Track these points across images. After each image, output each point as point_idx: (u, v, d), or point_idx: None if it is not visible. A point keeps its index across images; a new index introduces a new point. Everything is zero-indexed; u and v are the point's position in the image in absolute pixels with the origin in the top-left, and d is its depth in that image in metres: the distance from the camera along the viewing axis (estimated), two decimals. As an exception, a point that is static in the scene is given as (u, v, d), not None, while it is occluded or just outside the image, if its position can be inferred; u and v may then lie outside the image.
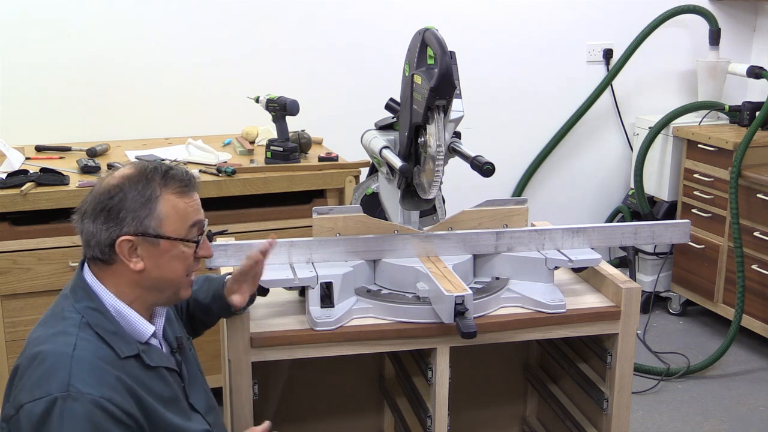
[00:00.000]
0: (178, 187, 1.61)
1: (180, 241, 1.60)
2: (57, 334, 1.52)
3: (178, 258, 1.61)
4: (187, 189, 1.63)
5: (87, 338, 1.52)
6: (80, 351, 1.49)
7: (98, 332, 1.54)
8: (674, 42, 4.22)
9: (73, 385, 1.44)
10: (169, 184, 1.60)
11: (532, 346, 2.54)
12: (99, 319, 1.56)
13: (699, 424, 3.21)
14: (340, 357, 1.96)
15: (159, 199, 1.58)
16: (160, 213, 1.58)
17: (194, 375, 1.75)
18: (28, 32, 3.32)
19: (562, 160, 4.21)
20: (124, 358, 1.54)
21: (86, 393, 1.44)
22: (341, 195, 3.07)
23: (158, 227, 1.58)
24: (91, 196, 1.60)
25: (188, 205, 1.62)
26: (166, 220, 1.59)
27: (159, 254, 1.59)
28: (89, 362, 1.48)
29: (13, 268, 2.76)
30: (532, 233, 2.12)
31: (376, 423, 2.53)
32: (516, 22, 3.97)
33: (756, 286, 3.64)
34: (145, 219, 1.57)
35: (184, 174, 1.64)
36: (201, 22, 3.52)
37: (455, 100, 1.96)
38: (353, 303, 1.98)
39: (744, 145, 3.59)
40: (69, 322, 1.54)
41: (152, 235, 1.58)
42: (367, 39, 3.74)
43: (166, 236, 1.59)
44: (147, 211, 1.57)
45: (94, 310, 1.56)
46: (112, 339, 1.54)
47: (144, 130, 3.49)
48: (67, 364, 1.46)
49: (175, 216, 1.60)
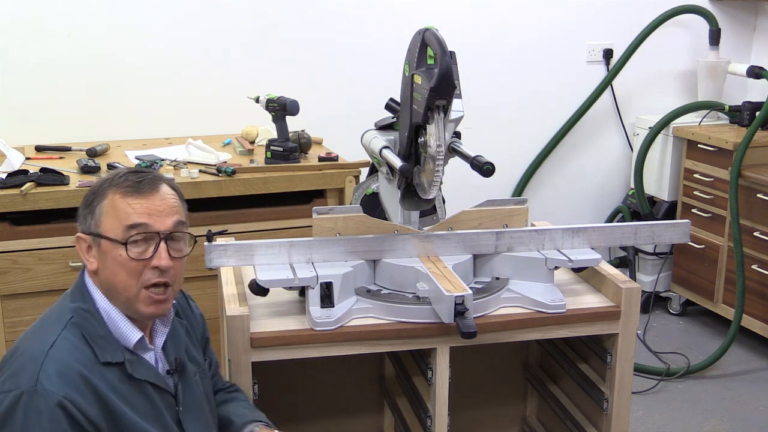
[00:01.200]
0: (125, 187, 1.57)
1: (111, 241, 1.55)
2: (42, 331, 1.54)
3: (117, 262, 1.55)
4: (135, 190, 1.56)
5: (68, 338, 1.51)
6: (56, 350, 1.49)
7: (84, 334, 1.53)
8: (674, 42, 4.22)
9: (41, 381, 1.45)
10: (119, 183, 1.57)
11: (532, 346, 2.54)
12: (88, 321, 1.55)
13: (699, 424, 3.21)
14: (340, 357, 1.96)
15: (103, 197, 1.57)
16: (99, 210, 1.57)
17: (196, 404, 1.69)
18: (29, 32, 3.32)
19: (562, 160, 4.21)
20: (104, 363, 1.52)
21: (51, 391, 1.44)
22: (341, 195, 3.07)
23: (97, 226, 1.57)
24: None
25: (130, 206, 1.56)
26: (103, 218, 1.57)
27: (102, 255, 1.57)
28: (61, 362, 1.47)
29: (13, 268, 2.75)
30: (532, 233, 2.12)
31: (376, 423, 2.53)
32: (516, 22, 3.97)
33: (756, 286, 3.65)
34: (88, 215, 1.58)
35: (140, 176, 1.59)
36: (201, 23, 3.52)
37: (455, 100, 1.96)
38: (353, 303, 1.98)
39: (744, 145, 3.59)
40: (58, 321, 1.55)
41: (93, 233, 1.57)
42: (367, 39, 3.74)
43: (102, 235, 1.56)
44: (90, 209, 1.58)
45: (86, 312, 1.56)
46: (98, 342, 1.53)
47: (144, 130, 3.49)
48: (39, 361, 1.47)
49: (112, 215, 1.56)
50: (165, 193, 1.60)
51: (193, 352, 1.75)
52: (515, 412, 2.61)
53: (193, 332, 1.80)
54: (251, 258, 1.99)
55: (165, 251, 1.58)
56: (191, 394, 1.69)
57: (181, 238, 1.63)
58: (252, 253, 1.98)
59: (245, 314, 1.88)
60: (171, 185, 1.64)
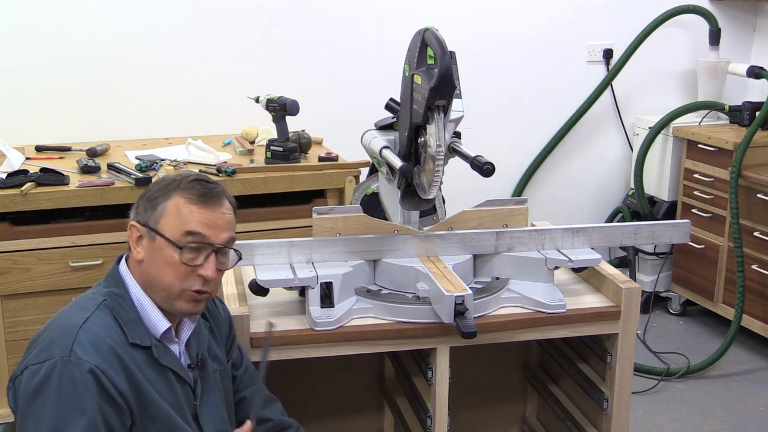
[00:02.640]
0: (192, 194, 1.63)
1: (167, 241, 1.60)
2: (75, 310, 1.59)
3: (167, 261, 1.61)
4: (201, 199, 1.62)
5: (101, 316, 1.57)
6: (89, 324, 1.55)
7: (115, 315, 1.59)
8: (674, 42, 4.22)
9: (74, 351, 1.50)
10: (186, 188, 1.63)
11: (532, 346, 2.54)
12: (120, 304, 1.61)
13: (699, 424, 3.21)
14: (340, 357, 1.96)
15: (167, 197, 1.62)
16: (163, 209, 1.61)
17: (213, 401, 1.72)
18: (29, 32, 3.32)
19: (562, 160, 4.21)
20: (132, 344, 1.57)
21: (84, 360, 1.50)
22: (341, 195, 3.07)
23: (156, 222, 1.61)
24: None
25: (192, 213, 1.61)
26: (165, 218, 1.61)
27: (154, 250, 1.62)
28: (94, 334, 1.54)
29: (13, 268, 2.75)
30: (532, 233, 2.12)
31: (376, 423, 2.53)
32: (516, 22, 3.97)
33: (756, 286, 3.64)
34: (150, 209, 1.62)
35: (208, 187, 1.65)
36: (201, 22, 3.52)
37: (455, 100, 1.96)
38: (353, 303, 1.98)
39: (744, 145, 3.59)
40: (92, 301, 1.61)
41: (150, 227, 1.61)
42: (367, 39, 3.74)
43: (160, 233, 1.60)
44: (154, 204, 1.62)
45: (118, 296, 1.62)
46: (128, 325, 1.59)
47: (144, 130, 3.49)
48: (74, 333, 1.53)
49: (174, 216, 1.61)
50: (226, 208, 1.67)
51: (215, 351, 1.78)
52: (515, 412, 2.61)
53: (218, 332, 1.82)
54: (251, 258, 1.99)
55: (213, 263, 1.64)
56: (209, 391, 1.72)
57: (229, 253, 1.68)
58: (252, 253, 1.98)
59: (245, 314, 1.89)
60: (231, 201, 1.70)
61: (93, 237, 2.81)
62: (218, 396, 1.74)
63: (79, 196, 2.77)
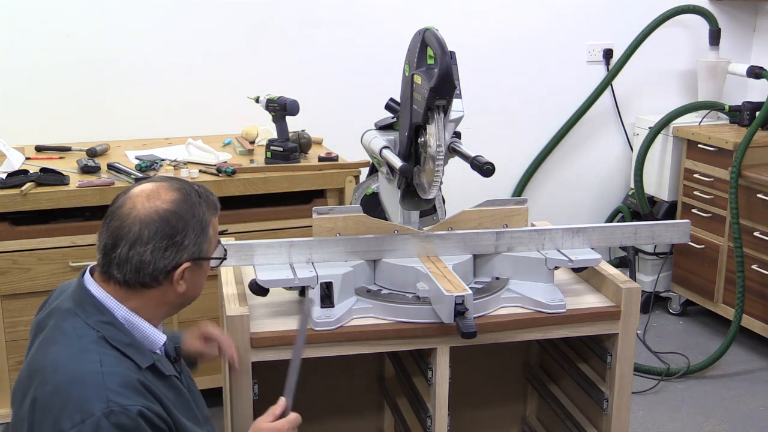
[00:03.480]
0: (214, 209, 1.67)
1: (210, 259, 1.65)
2: (78, 354, 1.49)
3: (206, 274, 1.67)
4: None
5: (109, 353, 1.50)
6: (108, 366, 1.47)
7: (115, 345, 1.52)
8: (674, 42, 4.22)
9: (113, 400, 1.43)
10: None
11: (532, 346, 2.54)
12: (113, 332, 1.54)
13: (699, 424, 3.21)
14: (340, 357, 1.96)
15: (207, 224, 1.63)
16: (211, 237, 1.64)
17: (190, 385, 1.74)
18: (28, 32, 3.32)
19: (562, 160, 4.21)
20: (144, 369, 1.53)
21: (128, 405, 1.43)
22: (341, 195, 3.07)
23: (209, 250, 1.64)
24: (140, 222, 1.55)
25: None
26: (211, 243, 1.65)
27: (200, 274, 1.65)
28: (121, 375, 1.47)
29: (13, 268, 2.76)
30: (532, 233, 2.12)
31: (376, 423, 2.53)
32: (516, 22, 3.97)
33: (756, 286, 3.64)
34: (204, 244, 1.62)
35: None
36: (201, 22, 3.52)
37: (455, 100, 1.96)
38: (353, 303, 1.98)
39: (744, 145, 3.59)
40: (86, 339, 1.51)
41: (205, 258, 1.63)
42: (367, 39, 3.74)
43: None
44: (205, 237, 1.61)
45: (108, 324, 1.54)
46: (130, 351, 1.53)
47: (144, 130, 3.49)
48: (101, 382, 1.44)
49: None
50: None
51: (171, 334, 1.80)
52: (515, 412, 2.61)
53: None
54: (251, 258, 1.99)
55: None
56: (187, 380, 1.74)
57: None
58: (252, 253, 1.98)
59: (245, 314, 1.88)
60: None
61: (93, 237, 2.75)
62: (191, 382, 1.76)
63: (79, 196, 2.77)
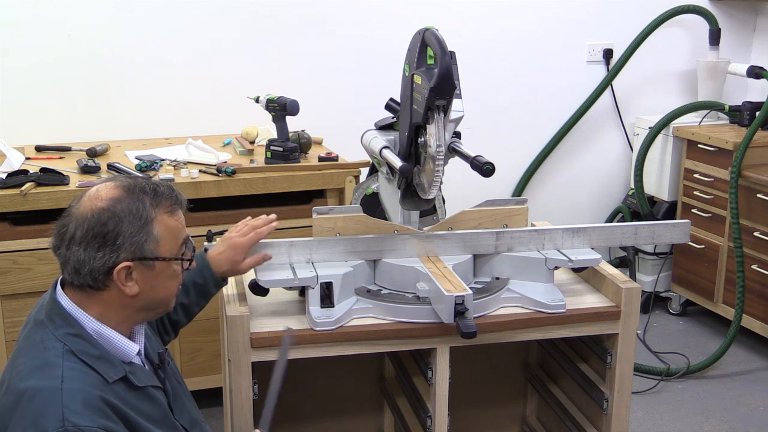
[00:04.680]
0: (168, 206, 1.58)
1: (175, 260, 1.59)
2: (42, 367, 1.46)
3: (172, 277, 1.60)
4: (176, 207, 1.60)
5: (73, 367, 1.47)
6: (69, 383, 1.44)
7: (83, 359, 1.49)
8: (674, 42, 4.22)
9: (68, 419, 1.39)
10: (160, 204, 1.57)
11: (532, 346, 2.54)
12: (81, 344, 1.50)
13: (699, 424, 3.21)
14: (340, 357, 1.96)
15: (154, 222, 1.55)
16: (157, 235, 1.55)
17: (176, 390, 1.71)
18: (29, 32, 3.32)
19: (562, 160, 4.21)
20: (113, 382, 1.50)
21: (83, 425, 1.39)
22: (341, 195, 3.07)
23: (155, 250, 1.55)
24: (76, 220, 1.53)
25: (178, 223, 1.60)
26: (161, 242, 1.56)
27: (154, 276, 1.56)
28: (81, 392, 1.43)
29: (13, 268, 2.76)
30: (532, 233, 2.12)
31: (376, 423, 2.53)
32: (516, 22, 3.97)
33: (756, 286, 3.65)
34: (144, 243, 1.53)
35: (170, 191, 1.60)
36: (201, 22, 3.52)
37: (455, 100, 1.96)
38: (353, 303, 1.98)
39: (744, 145, 3.59)
40: (52, 352, 1.48)
41: (150, 258, 1.55)
42: (367, 39, 3.74)
43: (162, 257, 1.57)
44: (145, 236, 1.53)
45: (76, 336, 1.51)
46: (98, 364, 1.50)
47: (144, 130, 3.49)
48: (59, 399, 1.41)
49: (168, 236, 1.57)
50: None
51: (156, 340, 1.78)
52: (515, 412, 2.62)
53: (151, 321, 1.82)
54: (251, 258, 1.99)
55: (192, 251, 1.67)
56: (173, 385, 1.71)
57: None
58: (252, 253, 1.98)
59: (245, 314, 1.88)
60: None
61: (93, 237, 2.81)
62: (178, 384, 1.73)
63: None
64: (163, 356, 1.69)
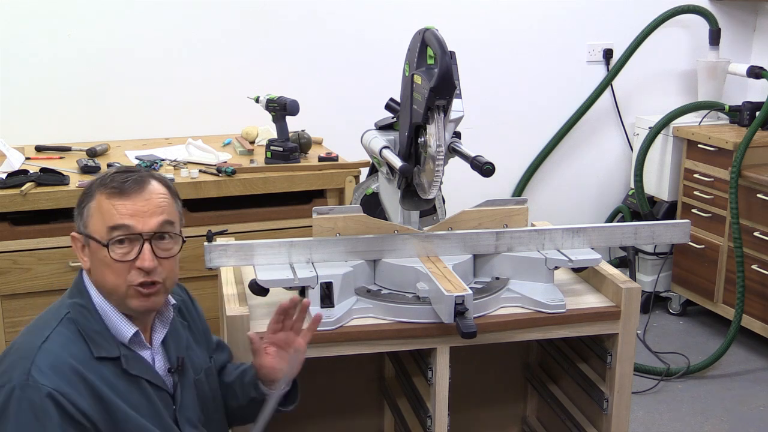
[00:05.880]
0: (111, 188, 1.57)
1: (95, 241, 1.57)
2: (37, 326, 1.56)
3: (103, 262, 1.56)
4: (118, 191, 1.57)
5: (63, 332, 1.53)
6: (49, 344, 1.51)
7: (79, 329, 1.55)
8: (674, 42, 4.22)
9: (32, 375, 1.46)
10: (105, 184, 1.58)
11: (532, 346, 2.54)
12: (84, 316, 1.57)
13: (699, 424, 3.21)
14: (340, 357, 1.96)
15: (91, 198, 1.59)
16: (88, 211, 1.59)
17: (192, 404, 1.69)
18: (29, 32, 3.32)
19: (562, 160, 4.21)
20: (99, 358, 1.53)
21: (41, 384, 1.45)
22: (341, 195, 3.07)
23: (85, 226, 1.59)
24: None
25: (114, 207, 1.56)
26: (90, 219, 1.59)
27: (92, 254, 1.59)
28: (54, 355, 1.49)
29: (13, 268, 2.76)
30: (532, 233, 2.12)
31: (376, 423, 2.53)
32: (516, 22, 3.97)
33: (756, 286, 3.65)
34: (79, 215, 1.61)
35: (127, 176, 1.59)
36: (201, 22, 3.52)
37: (455, 100, 1.96)
38: (353, 303, 1.98)
39: (744, 145, 3.59)
40: (54, 314, 1.57)
41: (82, 233, 1.60)
42: (367, 39, 3.74)
43: (90, 236, 1.58)
44: (80, 209, 1.61)
45: (82, 307, 1.58)
46: (93, 337, 1.55)
47: (144, 130, 3.49)
48: (32, 355, 1.48)
49: (97, 215, 1.57)
50: (151, 192, 1.59)
51: (197, 352, 1.76)
52: (515, 412, 2.61)
53: (196, 330, 1.81)
54: (251, 258, 1.99)
55: (149, 252, 1.57)
56: (189, 395, 1.70)
57: (165, 237, 1.61)
58: (252, 253, 1.98)
59: (245, 314, 1.88)
60: (163, 183, 1.64)
61: (93, 237, 2.81)
62: (192, 398, 1.71)
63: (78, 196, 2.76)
64: (182, 360, 1.68)
